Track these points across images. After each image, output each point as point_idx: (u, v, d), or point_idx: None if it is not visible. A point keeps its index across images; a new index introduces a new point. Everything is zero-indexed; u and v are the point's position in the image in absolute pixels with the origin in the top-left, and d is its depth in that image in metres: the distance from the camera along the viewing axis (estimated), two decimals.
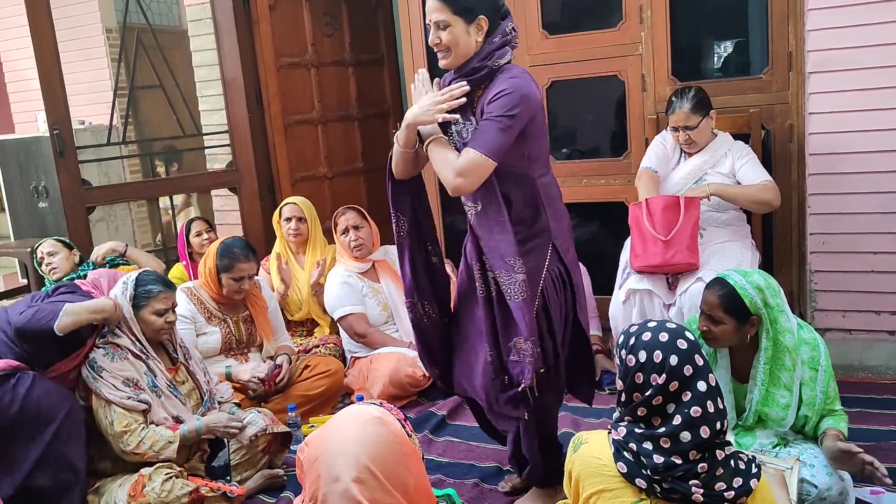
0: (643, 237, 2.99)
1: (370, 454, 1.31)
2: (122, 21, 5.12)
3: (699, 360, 1.55)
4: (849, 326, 3.41)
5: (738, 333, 2.20)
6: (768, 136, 3.45)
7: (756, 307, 2.17)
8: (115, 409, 2.41)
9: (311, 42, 4.72)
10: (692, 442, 1.50)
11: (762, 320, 2.18)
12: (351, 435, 1.33)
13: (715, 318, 2.19)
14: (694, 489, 1.48)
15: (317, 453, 1.34)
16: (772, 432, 2.27)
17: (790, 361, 2.20)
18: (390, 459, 1.32)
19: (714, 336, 2.21)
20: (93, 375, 2.43)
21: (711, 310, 2.19)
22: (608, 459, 1.57)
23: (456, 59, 2.15)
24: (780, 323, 2.19)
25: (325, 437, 1.36)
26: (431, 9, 2.12)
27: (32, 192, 5.76)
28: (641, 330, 1.61)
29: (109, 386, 2.42)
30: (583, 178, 3.84)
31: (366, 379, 3.44)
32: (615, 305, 3.10)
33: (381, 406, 1.42)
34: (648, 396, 1.55)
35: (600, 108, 3.90)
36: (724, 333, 2.19)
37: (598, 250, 3.97)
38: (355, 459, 1.30)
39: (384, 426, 1.35)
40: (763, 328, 2.19)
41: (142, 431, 2.42)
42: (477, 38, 2.13)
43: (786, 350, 2.20)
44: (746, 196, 2.99)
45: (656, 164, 3.22)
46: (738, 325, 2.18)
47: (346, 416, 1.38)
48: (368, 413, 1.37)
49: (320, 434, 1.38)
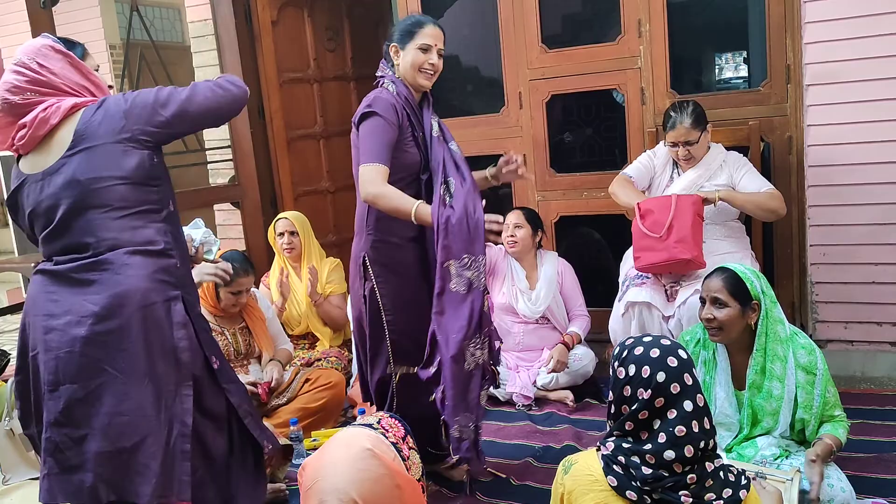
0: (640, 237, 3.00)
1: (360, 490, 1.32)
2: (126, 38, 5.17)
3: (688, 379, 1.56)
4: (850, 338, 3.41)
5: (741, 319, 2.24)
6: (767, 149, 3.46)
7: (756, 291, 2.24)
8: None
9: (314, 57, 4.75)
10: (676, 459, 1.51)
11: (760, 307, 2.23)
12: (341, 470, 1.34)
13: (719, 301, 2.23)
14: (683, 499, 1.49)
15: (311, 482, 1.36)
16: (773, 441, 2.27)
17: (782, 352, 2.24)
18: (381, 494, 1.34)
19: (719, 324, 2.23)
20: None
21: (716, 293, 2.23)
22: (599, 474, 1.58)
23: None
24: (774, 313, 2.26)
25: (318, 468, 1.37)
26: (438, 37, 2.46)
27: None
28: (635, 344, 1.62)
29: None
30: (583, 191, 3.86)
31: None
32: (615, 318, 3.10)
33: (377, 426, 1.42)
34: (635, 410, 1.56)
35: (599, 122, 3.92)
36: (730, 319, 2.22)
37: (598, 263, 3.98)
38: (345, 496, 1.31)
39: (375, 459, 1.35)
40: (759, 317, 2.25)
41: None
42: None
43: (779, 340, 2.25)
44: (755, 203, 3.00)
45: (636, 177, 3.24)
46: (741, 308, 2.23)
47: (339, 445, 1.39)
48: (359, 444, 1.37)
49: (315, 462, 1.39)
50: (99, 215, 1.90)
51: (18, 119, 1.94)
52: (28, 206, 1.98)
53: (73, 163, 1.91)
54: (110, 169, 1.91)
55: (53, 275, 1.93)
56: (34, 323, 1.93)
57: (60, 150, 1.92)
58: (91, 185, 1.89)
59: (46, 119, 1.92)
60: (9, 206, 2.07)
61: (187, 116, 1.98)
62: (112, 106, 1.95)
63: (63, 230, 1.92)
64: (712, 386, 2.34)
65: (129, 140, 1.93)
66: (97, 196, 1.90)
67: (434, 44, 2.44)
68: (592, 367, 3.48)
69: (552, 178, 3.92)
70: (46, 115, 1.92)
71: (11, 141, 1.97)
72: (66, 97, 1.96)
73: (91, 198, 1.90)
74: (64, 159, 1.91)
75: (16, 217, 2.09)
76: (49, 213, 1.93)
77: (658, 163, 3.26)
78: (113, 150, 1.91)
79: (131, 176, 1.92)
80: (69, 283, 1.90)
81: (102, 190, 1.90)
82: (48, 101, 1.94)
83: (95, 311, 1.86)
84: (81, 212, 1.90)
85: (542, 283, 3.50)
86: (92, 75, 2.04)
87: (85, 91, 2.00)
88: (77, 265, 1.90)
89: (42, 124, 1.93)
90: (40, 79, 1.95)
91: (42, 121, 1.92)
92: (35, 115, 1.93)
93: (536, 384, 3.41)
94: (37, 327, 1.92)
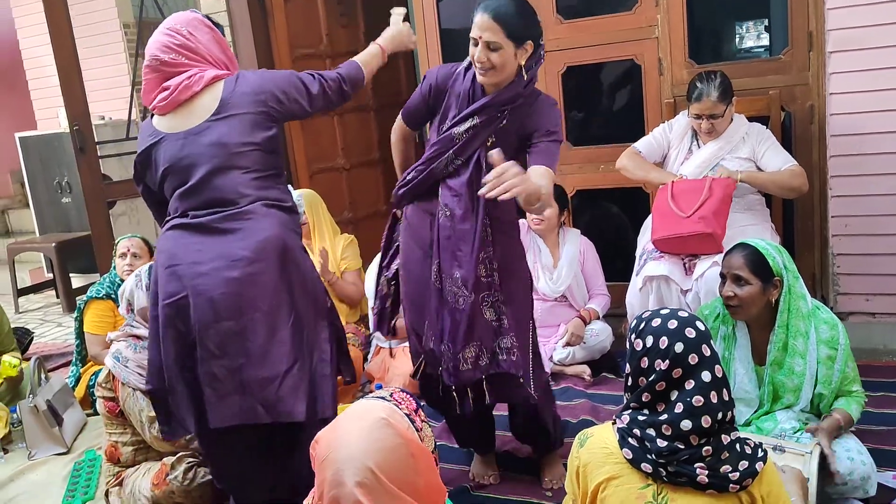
0: (664, 215, 2.95)
1: (375, 459, 1.32)
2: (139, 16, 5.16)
3: (706, 350, 1.54)
4: (873, 310, 3.36)
5: (762, 296, 2.21)
6: (788, 118, 3.40)
7: (778, 267, 2.20)
8: (145, 397, 2.41)
9: (326, 33, 4.72)
10: (693, 430, 1.50)
11: (782, 283, 2.20)
12: (356, 439, 1.34)
13: (741, 279, 2.20)
14: (699, 471, 1.48)
15: (324, 454, 1.36)
16: (793, 416, 2.25)
17: (804, 327, 2.21)
18: (396, 462, 1.33)
19: (740, 302, 2.20)
20: (120, 366, 2.46)
21: (737, 270, 2.20)
22: (614, 447, 1.57)
23: (498, 79, 2.19)
24: (796, 289, 2.22)
25: (332, 439, 1.37)
26: (484, 27, 2.11)
27: (56, 188, 5.85)
28: (653, 316, 1.61)
29: (136, 375, 2.44)
30: (599, 164, 3.81)
31: (386, 371, 3.45)
32: (632, 292, 3.08)
33: (390, 398, 1.42)
34: (652, 381, 1.55)
35: (616, 93, 3.86)
36: (750, 296, 2.19)
37: (615, 237, 3.95)
38: (360, 464, 1.31)
39: (390, 428, 1.35)
40: (781, 292, 2.21)
41: None
42: (521, 61, 2.17)
43: (801, 316, 2.21)
44: (777, 183, 2.95)
45: (645, 151, 3.21)
46: (762, 285, 2.19)
47: (353, 418, 1.39)
48: (374, 414, 1.37)
49: (329, 434, 1.39)
50: (240, 175, 2.12)
51: (163, 79, 2.15)
52: (164, 161, 2.16)
53: (219, 127, 2.12)
54: (250, 136, 2.14)
55: (194, 227, 2.13)
56: (178, 272, 2.11)
57: (204, 115, 2.14)
58: (234, 149, 2.12)
59: (190, 86, 2.13)
60: (139, 161, 2.25)
61: (305, 107, 2.25)
62: (252, 81, 2.19)
63: (204, 187, 2.12)
64: (732, 361, 2.31)
65: (265, 114, 2.17)
66: (238, 158, 2.12)
67: (479, 35, 2.12)
68: (609, 342, 3.46)
69: (568, 152, 3.88)
70: (190, 82, 2.13)
71: (152, 99, 2.18)
72: (208, 67, 2.17)
73: (233, 159, 2.12)
74: (208, 123, 2.13)
75: (143, 174, 2.27)
76: (188, 170, 2.13)
77: (674, 136, 3.20)
78: (252, 120, 2.15)
79: (264, 144, 2.16)
80: (213, 233, 2.11)
81: (243, 154, 2.13)
82: (192, 70, 2.14)
83: (246, 254, 2.08)
84: (224, 171, 2.11)
85: (563, 262, 3.47)
86: (229, 51, 2.27)
87: (222, 64, 2.21)
88: (220, 216, 2.11)
89: (185, 90, 2.13)
90: (189, 44, 2.16)
91: (185, 87, 2.13)
92: (179, 82, 2.13)
93: (553, 359, 3.40)
94: (182, 275, 2.10)
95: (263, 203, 2.14)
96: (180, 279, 2.11)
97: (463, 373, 2.26)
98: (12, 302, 5.71)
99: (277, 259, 2.11)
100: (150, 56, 2.16)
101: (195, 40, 2.17)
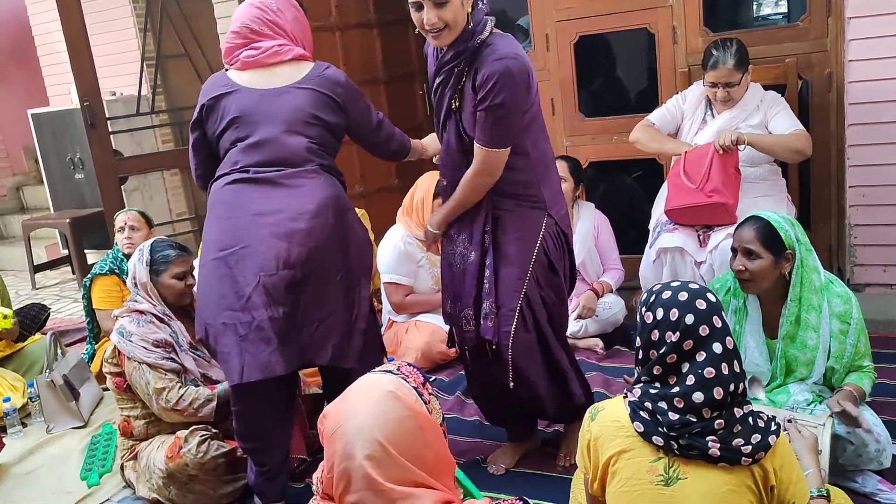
0: (678, 186, 2.92)
1: (383, 431, 1.32)
2: None
3: (717, 321, 1.52)
4: (890, 281, 3.32)
5: (774, 270, 2.18)
6: (806, 87, 3.33)
7: (791, 240, 2.16)
8: (150, 370, 2.45)
9: (335, 4, 4.66)
10: (705, 402, 1.49)
11: (795, 256, 2.17)
12: (364, 413, 1.34)
13: (752, 253, 2.17)
14: (711, 444, 1.47)
15: (333, 428, 1.36)
16: (806, 388, 2.24)
17: (817, 301, 2.18)
18: (405, 435, 1.34)
19: (751, 275, 2.18)
20: (124, 340, 2.48)
21: (748, 244, 2.17)
22: (626, 421, 1.56)
23: (451, 37, 2.08)
24: (809, 261, 2.19)
25: (340, 413, 1.38)
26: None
27: (69, 164, 5.87)
28: (663, 289, 1.59)
29: (141, 348, 2.47)
30: (613, 135, 3.76)
31: (399, 345, 3.46)
32: (645, 265, 3.06)
33: (398, 372, 1.42)
34: (663, 354, 1.53)
35: (629, 63, 3.80)
36: (762, 270, 2.16)
37: (629, 208, 3.91)
38: (369, 437, 1.32)
39: (397, 400, 1.36)
40: (794, 265, 2.18)
41: (180, 389, 2.47)
42: (467, 8, 2.07)
43: (813, 290, 2.19)
44: (781, 145, 2.90)
45: (659, 123, 3.16)
46: (774, 259, 2.17)
47: (361, 391, 1.39)
48: (382, 388, 1.37)
49: (337, 407, 1.39)
50: (306, 142, 2.24)
51: (245, 44, 2.28)
52: (234, 111, 2.25)
53: (299, 95, 2.25)
54: (323, 113, 2.27)
55: (258, 181, 2.22)
56: (238, 224, 2.20)
57: (286, 80, 2.27)
58: (306, 118, 2.24)
59: (279, 53, 2.27)
60: (206, 106, 2.32)
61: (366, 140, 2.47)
62: (338, 74, 2.33)
63: (272, 143, 2.22)
64: (742, 335, 2.29)
65: (339, 104, 2.30)
66: (308, 127, 2.25)
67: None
68: (622, 315, 3.44)
69: (581, 123, 3.84)
70: (280, 50, 2.28)
71: (235, 57, 2.30)
72: (291, 43, 2.31)
73: (303, 127, 2.24)
74: (290, 88, 2.26)
75: (206, 120, 2.33)
76: (258, 125, 2.23)
77: (688, 106, 3.15)
78: (328, 101, 2.28)
79: (331, 126, 2.30)
80: (279, 187, 2.21)
81: (312, 125, 2.25)
82: (280, 41, 2.28)
83: (311, 208, 2.18)
84: (294, 134, 2.23)
85: (577, 237, 3.43)
86: (309, 33, 2.40)
87: (301, 43, 2.35)
88: (286, 173, 2.22)
89: (274, 55, 2.27)
90: (278, 20, 2.29)
91: (275, 52, 2.27)
92: (270, 46, 2.27)
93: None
94: (242, 227, 2.20)
95: (325, 167, 2.27)
96: (240, 230, 2.19)
97: (466, 333, 2.31)
98: (29, 278, 5.76)
99: (335, 216, 2.22)
100: (240, 24, 2.28)
101: (283, 17, 2.30)
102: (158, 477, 2.43)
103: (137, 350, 2.46)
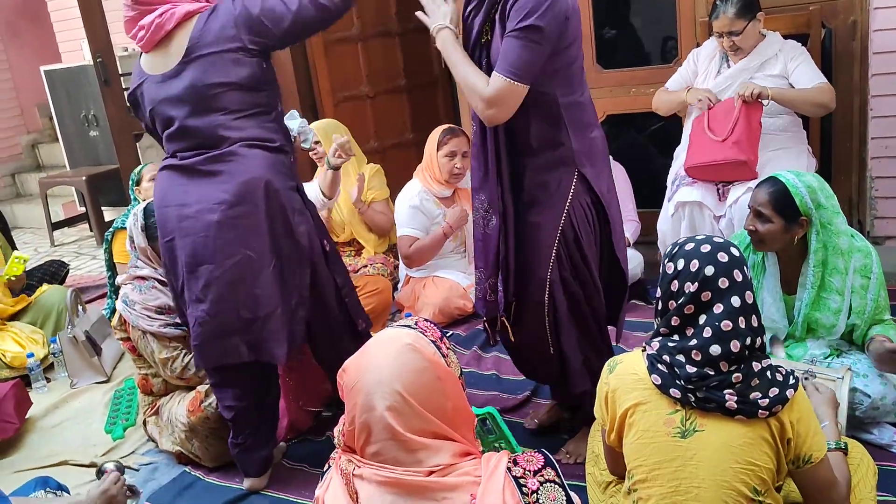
0: (699, 142, 2.89)
1: (404, 383, 1.33)
2: None
3: (738, 275, 1.51)
4: None
5: (785, 234, 2.15)
6: (829, 36, 3.25)
7: (806, 207, 2.12)
8: (155, 339, 2.45)
9: (357, 15, 4.55)
10: (722, 355, 1.49)
11: (811, 222, 2.13)
12: (384, 365, 1.36)
13: (763, 216, 2.15)
14: (728, 397, 1.47)
15: (353, 381, 1.38)
16: (823, 342, 2.23)
17: (843, 265, 2.15)
18: (424, 385, 1.35)
19: (760, 237, 2.16)
20: (128, 310, 2.47)
21: (760, 207, 2.15)
22: (643, 373, 1.56)
23: None
24: (836, 224, 2.15)
25: (360, 366, 1.39)
26: None
27: (83, 121, 5.87)
28: (687, 241, 1.59)
29: (145, 317, 2.45)
30: (631, 87, 3.70)
31: (416, 300, 3.47)
32: (664, 219, 3.04)
33: (415, 327, 1.43)
34: (681, 304, 1.53)
35: (648, 13, 3.72)
36: (771, 233, 2.14)
37: (647, 163, 3.87)
38: (389, 388, 1.33)
39: (417, 353, 1.36)
40: (812, 230, 2.14)
41: (185, 357, 2.46)
42: None
43: (839, 253, 2.15)
44: (805, 99, 2.85)
45: (675, 87, 3.14)
46: (785, 224, 2.14)
47: (379, 345, 1.40)
48: (401, 340, 1.38)
49: (356, 361, 1.40)
50: (220, 117, 2.08)
51: (140, 16, 2.10)
52: (148, 104, 2.16)
53: (191, 70, 2.07)
54: (225, 76, 2.06)
55: (181, 169, 2.13)
56: (167, 214, 2.14)
57: (178, 56, 2.08)
58: (208, 92, 2.06)
59: (162, 24, 2.07)
60: (130, 101, 2.27)
61: (291, 29, 2.09)
62: (223, 14, 2.07)
63: (186, 130, 2.10)
64: (759, 290, 2.28)
65: (241, 49, 2.07)
66: (215, 100, 2.07)
67: None
68: (640, 269, 3.42)
69: (599, 75, 3.77)
70: (162, 20, 2.07)
71: (133, 35, 2.14)
72: (181, 2, 2.09)
73: (208, 102, 2.07)
74: (181, 65, 2.08)
75: (136, 112, 2.29)
76: (168, 113, 2.11)
77: (701, 59, 3.12)
78: (227, 58, 2.06)
79: (244, 83, 2.08)
80: (198, 175, 2.10)
81: (219, 95, 2.07)
82: (164, 7, 2.08)
83: (226, 198, 2.07)
84: (201, 114, 2.08)
85: None
86: None
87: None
88: (204, 158, 2.09)
89: (158, 29, 2.08)
90: None
91: (158, 26, 2.07)
92: (152, 20, 2.08)
93: None
94: (170, 217, 2.13)
95: (246, 144, 2.09)
96: (169, 221, 2.14)
97: (488, 302, 2.20)
98: (47, 236, 5.82)
99: (261, 201, 2.09)
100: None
101: None
102: (181, 430, 2.48)
103: (141, 319, 2.44)
